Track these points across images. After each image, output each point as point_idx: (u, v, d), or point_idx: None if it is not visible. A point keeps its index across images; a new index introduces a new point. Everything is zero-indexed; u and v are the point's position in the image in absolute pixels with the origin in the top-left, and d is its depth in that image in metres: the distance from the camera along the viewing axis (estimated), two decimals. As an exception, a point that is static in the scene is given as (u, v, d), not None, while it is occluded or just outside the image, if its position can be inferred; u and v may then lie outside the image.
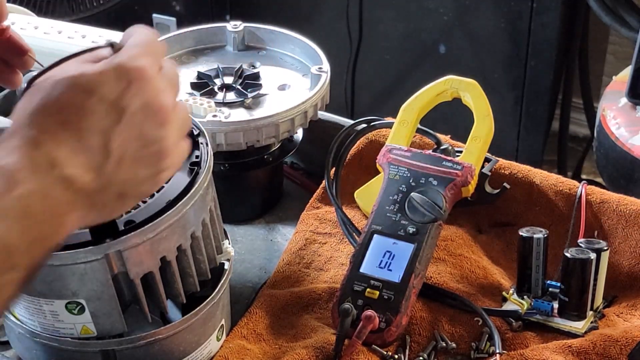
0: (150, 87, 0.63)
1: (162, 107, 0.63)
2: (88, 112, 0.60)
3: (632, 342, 0.83)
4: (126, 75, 0.62)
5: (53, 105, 0.59)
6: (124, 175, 0.62)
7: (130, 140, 0.62)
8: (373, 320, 0.85)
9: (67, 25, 1.25)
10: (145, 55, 0.64)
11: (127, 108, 0.61)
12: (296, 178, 1.18)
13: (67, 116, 0.59)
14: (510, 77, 2.21)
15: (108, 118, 0.60)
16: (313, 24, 2.44)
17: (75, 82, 0.60)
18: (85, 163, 0.59)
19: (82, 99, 0.60)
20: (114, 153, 0.61)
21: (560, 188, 0.99)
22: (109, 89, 0.61)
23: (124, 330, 0.78)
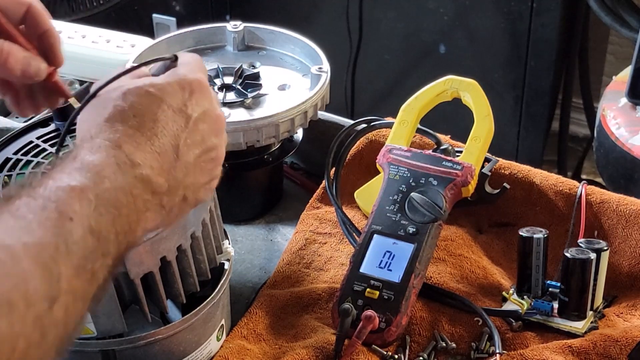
0: (208, 97, 0.68)
1: (219, 116, 0.70)
2: (160, 118, 0.64)
3: (632, 342, 0.83)
4: (189, 85, 0.67)
5: (128, 112, 0.63)
6: (188, 179, 0.66)
7: (195, 145, 0.66)
8: (373, 320, 0.85)
9: (67, 25, 1.26)
10: (200, 70, 0.70)
11: (192, 115, 0.66)
12: (296, 178, 1.18)
13: (141, 122, 0.63)
14: (510, 77, 2.21)
15: (176, 124, 0.65)
16: (313, 24, 2.44)
17: (147, 91, 0.65)
18: (158, 165, 0.63)
19: (154, 106, 0.64)
20: (182, 157, 0.65)
21: (560, 188, 0.99)
22: (175, 98, 0.66)
23: (124, 330, 0.78)
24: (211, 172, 0.70)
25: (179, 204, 0.66)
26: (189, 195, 0.67)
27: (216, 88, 1.06)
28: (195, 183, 0.67)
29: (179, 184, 0.65)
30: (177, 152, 0.64)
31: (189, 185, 0.66)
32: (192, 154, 0.66)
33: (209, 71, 1.08)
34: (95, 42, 1.21)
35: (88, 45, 1.20)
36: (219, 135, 0.70)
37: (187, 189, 0.66)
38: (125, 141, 0.61)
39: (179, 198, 0.66)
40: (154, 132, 0.63)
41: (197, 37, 1.15)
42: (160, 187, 0.63)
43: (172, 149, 0.64)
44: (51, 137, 0.84)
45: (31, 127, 0.85)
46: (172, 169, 0.64)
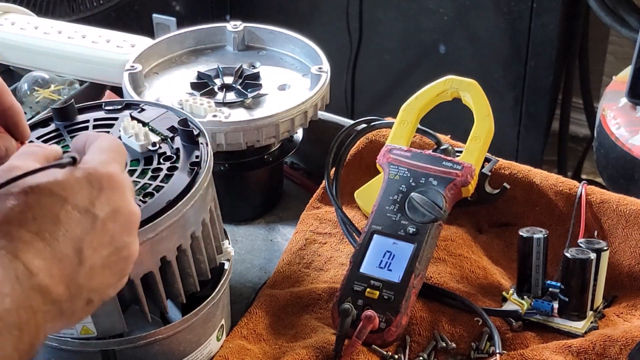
0: (120, 194, 0.63)
1: (132, 213, 0.64)
2: (62, 221, 0.59)
3: (632, 342, 0.83)
4: (98, 182, 0.62)
5: (27, 214, 0.58)
6: (94, 282, 0.61)
7: (102, 247, 0.61)
8: (373, 320, 0.85)
9: (67, 25, 1.26)
10: (114, 161, 0.64)
11: (99, 215, 0.61)
12: (296, 178, 1.18)
13: (41, 225, 0.58)
14: (510, 77, 2.21)
15: (81, 226, 0.60)
16: (313, 24, 2.44)
17: (49, 188, 0.59)
18: (58, 273, 0.58)
19: (57, 207, 0.59)
20: (86, 261, 0.60)
21: (560, 188, 0.99)
22: (81, 196, 0.60)
23: (124, 330, 0.78)
24: (122, 271, 0.64)
25: (82, 308, 0.61)
26: (94, 298, 0.62)
27: (216, 88, 1.06)
28: (102, 285, 0.62)
29: (82, 289, 0.60)
30: (80, 255, 0.59)
31: (94, 288, 0.61)
32: (98, 256, 0.61)
33: (209, 71, 1.08)
34: (95, 42, 1.20)
35: (88, 45, 1.20)
36: (131, 233, 0.64)
37: (93, 292, 0.61)
38: (23, 249, 0.56)
39: (83, 302, 0.61)
40: (55, 237, 0.58)
41: (197, 37, 1.15)
42: (60, 296, 0.58)
43: (75, 253, 0.59)
44: (51, 137, 0.84)
45: (31, 127, 0.85)
46: (74, 274, 0.59)
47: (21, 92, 1.24)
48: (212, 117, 0.98)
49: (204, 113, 0.99)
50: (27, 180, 0.60)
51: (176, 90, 1.06)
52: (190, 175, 0.78)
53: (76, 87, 1.24)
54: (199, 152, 0.80)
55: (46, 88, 1.23)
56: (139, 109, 0.87)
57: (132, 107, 0.88)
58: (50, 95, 1.23)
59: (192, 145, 0.81)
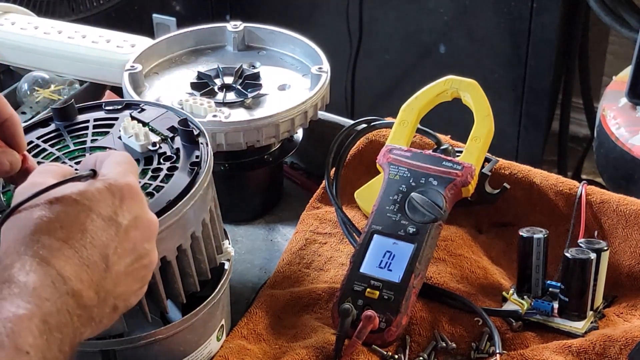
0: (139, 203, 0.66)
1: (151, 221, 0.67)
2: (88, 228, 0.61)
3: (632, 342, 0.83)
4: (119, 191, 0.64)
5: (55, 223, 0.60)
6: (119, 289, 0.63)
7: (126, 254, 0.64)
8: (373, 320, 0.85)
9: (67, 25, 1.26)
10: (130, 172, 0.67)
11: (122, 223, 0.64)
12: (296, 178, 1.18)
13: (69, 233, 0.60)
14: (510, 77, 2.21)
15: (106, 233, 0.62)
16: (313, 24, 2.44)
17: (74, 199, 0.62)
18: (87, 279, 0.60)
19: (83, 215, 0.61)
20: (112, 267, 0.62)
21: (560, 188, 0.99)
22: (104, 206, 0.63)
23: (124, 330, 0.78)
24: (144, 278, 0.67)
25: (109, 314, 0.63)
26: (119, 305, 0.64)
27: (216, 88, 1.06)
28: (126, 292, 0.65)
29: (109, 294, 0.62)
30: (107, 262, 0.62)
31: (119, 294, 0.64)
32: (123, 263, 0.63)
33: (209, 71, 1.08)
34: (95, 42, 1.20)
35: (88, 45, 1.20)
36: (150, 240, 0.67)
37: (118, 299, 0.64)
38: (54, 256, 0.59)
39: (109, 309, 0.63)
40: (83, 244, 0.60)
41: (197, 37, 1.15)
42: (91, 300, 0.60)
43: (102, 259, 0.61)
44: (51, 137, 0.84)
45: (31, 127, 0.85)
46: (102, 280, 0.61)
47: (21, 92, 1.24)
48: (212, 117, 0.98)
49: (204, 113, 0.99)
50: (51, 193, 0.62)
51: (176, 90, 1.06)
52: (190, 175, 0.78)
53: (76, 87, 1.24)
54: (199, 152, 0.80)
55: (46, 88, 1.24)
56: (139, 109, 0.87)
57: (132, 107, 0.88)
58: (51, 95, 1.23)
59: (192, 145, 0.81)
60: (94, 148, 0.83)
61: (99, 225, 0.62)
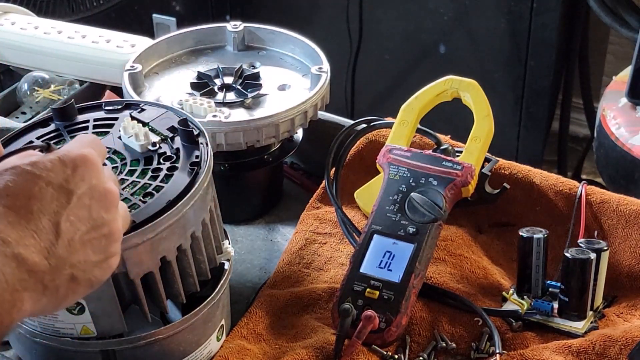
0: (95, 172, 0.65)
1: (109, 191, 0.66)
2: (37, 196, 0.61)
3: (632, 342, 0.83)
4: (72, 161, 0.64)
5: (2, 191, 0.61)
6: (75, 257, 0.63)
7: (80, 221, 0.63)
8: (373, 320, 0.85)
9: (67, 25, 1.26)
10: (88, 146, 0.67)
11: (75, 191, 0.63)
12: (296, 178, 1.18)
13: (15, 200, 0.61)
14: (510, 77, 2.21)
15: (57, 201, 0.62)
16: (313, 24, 2.44)
17: (23, 169, 0.62)
18: (35, 244, 0.60)
19: (31, 184, 0.62)
20: (64, 234, 0.62)
21: (560, 188, 0.99)
22: (55, 174, 0.63)
23: (124, 330, 0.78)
24: (105, 249, 0.66)
25: (67, 284, 0.63)
26: (78, 275, 0.64)
27: (216, 88, 1.06)
28: (85, 261, 0.64)
29: (64, 262, 0.62)
30: (57, 229, 0.62)
31: (76, 263, 0.63)
32: (77, 231, 0.63)
33: (209, 71, 1.08)
34: (95, 42, 1.20)
35: (88, 45, 1.20)
36: (110, 210, 0.66)
37: (75, 268, 0.63)
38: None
39: (66, 278, 0.63)
40: (29, 210, 0.61)
41: (197, 37, 1.15)
42: (37, 265, 0.60)
43: (52, 226, 0.61)
44: (51, 137, 0.84)
45: (31, 127, 0.85)
46: (52, 246, 0.61)
47: (21, 92, 1.24)
48: (212, 117, 0.98)
49: (204, 113, 0.99)
50: (3, 164, 0.63)
51: (176, 90, 1.06)
52: (190, 175, 0.78)
53: (76, 87, 1.24)
54: (199, 152, 0.80)
55: (46, 88, 1.24)
56: (139, 109, 0.87)
57: (132, 107, 0.88)
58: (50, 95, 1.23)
59: (192, 145, 0.81)
60: (94, 148, 0.83)
61: (48, 193, 0.62)
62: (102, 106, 0.88)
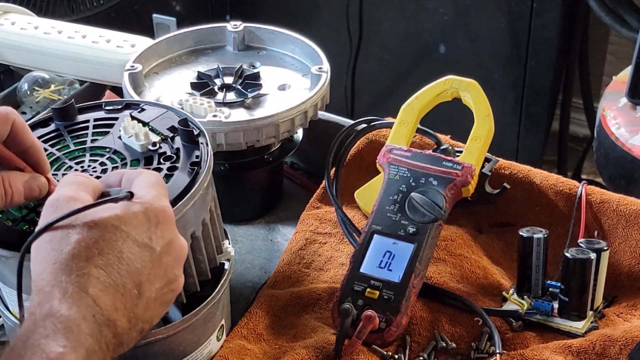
0: (172, 227, 0.66)
1: (182, 247, 0.67)
2: (125, 256, 0.61)
3: (632, 342, 0.83)
4: (155, 217, 0.64)
5: (93, 249, 0.60)
6: (148, 313, 0.64)
7: (157, 280, 0.64)
8: (373, 320, 0.85)
9: (67, 25, 1.26)
10: (164, 196, 0.66)
11: (156, 249, 0.64)
12: (296, 178, 1.18)
13: (107, 259, 0.60)
14: (510, 77, 2.21)
15: (140, 260, 0.62)
16: (313, 24, 2.44)
17: (112, 223, 0.61)
18: (122, 307, 0.61)
19: (120, 241, 0.61)
20: (145, 294, 0.62)
21: (560, 188, 0.99)
22: (141, 231, 0.63)
23: (124, 330, 0.78)
24: (169, 302, 0.67)
25: (135, 337, 0.64)
26: (145, 328, 0.64)
27: (216, 88, 1.06)
28: (154, 315, 0.65)
29: (139, 319, 0.63)
30: (139, 289, 0.62)
31: (147, 319, 0.64)
32: (154, 288, 0.63)
33: (209, 71, 1.08)
34: (95, 42, 1.20)
35: (88, 45, 1.20)
36: (180, 266, 0.67)
37: (146, 322, 0.64)
38: (93, 284, 0.59)
39: (137, 333, 0.63)
40: (119, 271, 0.60)
41: (197, 37, 1.15)
42: (123, 328, 0.61)
43: (135, 286, 0.61)
44: (51, 137, 0.84)
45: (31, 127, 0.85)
46: (134, 307, 0.62)
47: (21, 92, 1.24)
48: (212, 117, 0.98)
49: (204, 113, 0.99)
50: (88, 214, 0.61)
51: (176, 90, 1.06)
52: (190, 175, 0.78)
53: (76, 87, 1.24)
54: (199, 152, 0.80)
55: (46, 88, 1.23)
56: (139, 108, 0.87)
57: (132, 107, 0.88)
58: (51, 95, 1.23)
59: (192, 145, 0.81)
60: (94, 148, 0.83)
61: (134, 252, 0.62)
62: (102, 106, 0.88)
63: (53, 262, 0.59)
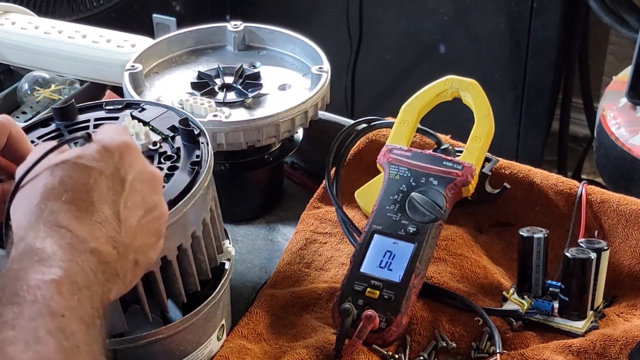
0: (139, 157, 0.67)
1: (153, 173, 0.68)
2: (94, 187, 0.62)
3: (632, 342, 0.83)
4: (117, 149, 0.65)
5: (59, 187, 0.61)
6: (136, 242, 0.65)
7: (136, 207, 0.65)
8: (373, 320, 0.85)
9: (67, 25, 1.26)
10: (124, 133, 0.68)
11: (126, 177, 0.65)
12: (296, 178, 1.18)
13: (75, 195, 0.61)
14: (510, 77, 2.21)
15: (112, 190, 0.63)
16: (313, 24, 2.44)
17: (75, 162, 0.63)
18: (103, 235, 0.61)
19: (85, 176, 0.62)
20: (125, 221, 0.64)
21: (560, 188, 0.99)
22: (105, 163, 0.64)
23: (124, 329, 0.78)
24: (158, 230, 0.68)
25: (132, 269, 0.65)
26: (140, 258, 0.65)
27: (216, 88, 1.06)
28: (144, 245, 0.66)
29: (128, 249, 0.64)
30: (118, 217, 0.63)
31: (138, 248, 0.65)
32: (135, 216, 0.65)
33: (209, 71, 1.08)
34: (95, 42, 1.20)
35: (88, 45, 1.20)
36: (157, 192, 0.68)
37: (138, 252, 0.65)
38: (65, 218, 0.60)
39: (131, 263, 0.64)
40: (90, 202, 0.62)
41: (197, 37, 1.15)
42: (110, 256, 0.61)
43: (113, 215, 0.63)
44: (52, 137, 0.84)
45: (31, 127, 0.85)
46: (117, 235, 0.62)
47: (21, 92, 1.24)
48: (213, 116, 0.98)
49: (204, 113, 0.99)
50: (50, 160, 0.63)
51: (177, 90, 1.06)
52: (190, 175, 0.78)
53: (76, 87, 1.24)
54: (199, 151, 0.80)
55: (47, 88, 1.23)
56: (140, 108, 0.87)
57: (132, 107, 0.88)
58: (51, 95, 1.23)
59: (193, 145, 0.81)
60: (95, 148, 0.82)
61: (103, 184, 0.63)
62: (102, 106, 0.88)
63: (26, 212, 0.61)
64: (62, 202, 0.61)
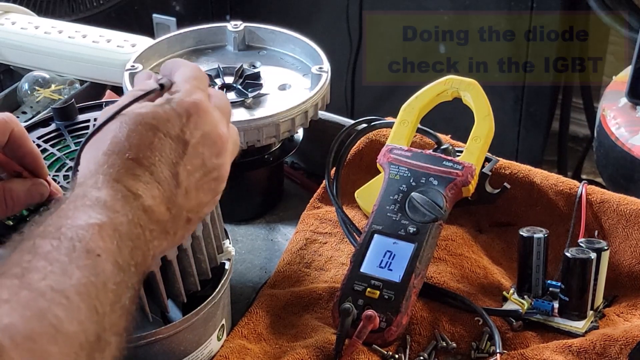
0: (207, 119, 0.67)
1: (220, 136, 0.68)
2: (156, 148, 0.64)
3: (632, 342, 0.83)
4: (185, 110, 0.66)
5: (125, 143, 0.63)
6: (190, 203, 0.66)
7: (195, 169, 0.66)
8: (373, 319, 0.85)
9: (67, 25, 1.26)
10: (198, 89, 0.69)
11: (190, 140, 0.66)
12: (296, 178, 1.18)
13: (138, 152, 0.63)
14: (510, 77, 2.21)
15: (174, 151, 0.65)
16: (313, 24, 2.44)
17: (142, 120, 0.64)
18: (159, 195, 0.63)
19: (150, 135, 0.64)
20: (183, 184, 0.65)
21: (560, 188, 0.99)
22: (172, 125, 0.65)
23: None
24: (215, 190, 0.70)
25: (183, 226, 0.67)
26: (192, 217, 0.67)
27: (217, 88, 1.06)
28: (198, 204, 0.68)
29: (181, 209, 0.65)
30: (177, 179, 0.65)
31: (192, 208, 0.67)
32: (193, 178, 0.66)
33: (209, 71, 1.08)
34: (96, 42, 1.21)
35: (89, 45, 1.20)
36: (220, 155, 0.69)
37: (191, 212, 0.67)
38: (124, 174, 0.62)
39: (183, 222, 0.66)
40: (152, 162, 0.63)
41: (197, 37, 1.15)
42: (163, 215, 0.63)
43: (172, 176, 0.64)
44: (52, 137, 0.84)
45: (32, 127, 0.85)
46: (173, 196, 0.64)
47: (21, 92, 1.24)
48: (213, 116, 0.98)
49: (204, 113, 0.99)
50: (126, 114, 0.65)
51: (177, 90, 1.06)
52: (191, 175, 0.77)
53: (77, 87, 1.24)
54: (199, 151, 0.80)
55: (47, 88, 1.24)
56: (140, 108, 0.87)
57: (132, 107, 0.87)
58: (51, 95, 1.23)
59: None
60: (95, 148, 0.82)
61: (167, 144, 0.64)
62: (102, 106, 0.88)
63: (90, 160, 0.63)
64: (124, 159, 0.62)
